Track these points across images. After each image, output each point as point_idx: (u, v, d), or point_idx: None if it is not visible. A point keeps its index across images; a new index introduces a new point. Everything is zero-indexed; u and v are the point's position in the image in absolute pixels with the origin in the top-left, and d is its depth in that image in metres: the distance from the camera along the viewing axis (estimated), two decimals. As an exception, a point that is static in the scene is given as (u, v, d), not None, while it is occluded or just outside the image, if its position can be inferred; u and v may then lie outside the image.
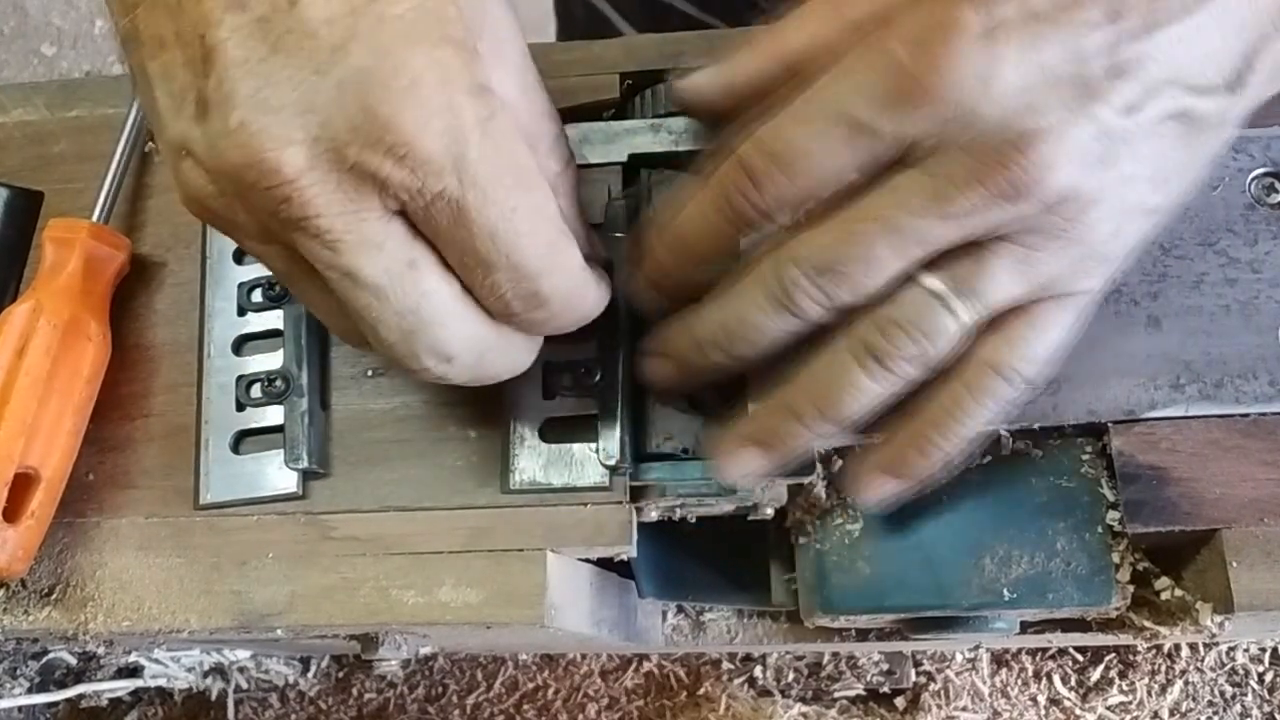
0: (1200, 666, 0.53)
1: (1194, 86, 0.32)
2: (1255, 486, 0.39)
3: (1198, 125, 0.33)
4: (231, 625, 0.39)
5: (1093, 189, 0.32)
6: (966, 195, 0.32)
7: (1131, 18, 0.31)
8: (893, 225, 0.33)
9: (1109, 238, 0.34)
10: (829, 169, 0.33)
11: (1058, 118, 0.31)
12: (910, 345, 0.34)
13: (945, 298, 0.34)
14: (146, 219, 0.45)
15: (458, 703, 0.56)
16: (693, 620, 0.52)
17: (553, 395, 0.40)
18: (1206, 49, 0.32)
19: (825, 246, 0.34)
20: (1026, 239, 0.33)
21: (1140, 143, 0.32)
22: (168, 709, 0.57)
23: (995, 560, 0.40)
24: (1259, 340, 0.40)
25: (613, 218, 0.41)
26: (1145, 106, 0.32)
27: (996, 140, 0.31)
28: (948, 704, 0.54)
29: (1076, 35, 0.31)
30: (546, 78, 0.44)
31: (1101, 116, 0.32)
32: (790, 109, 0.34)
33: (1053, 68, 0.31)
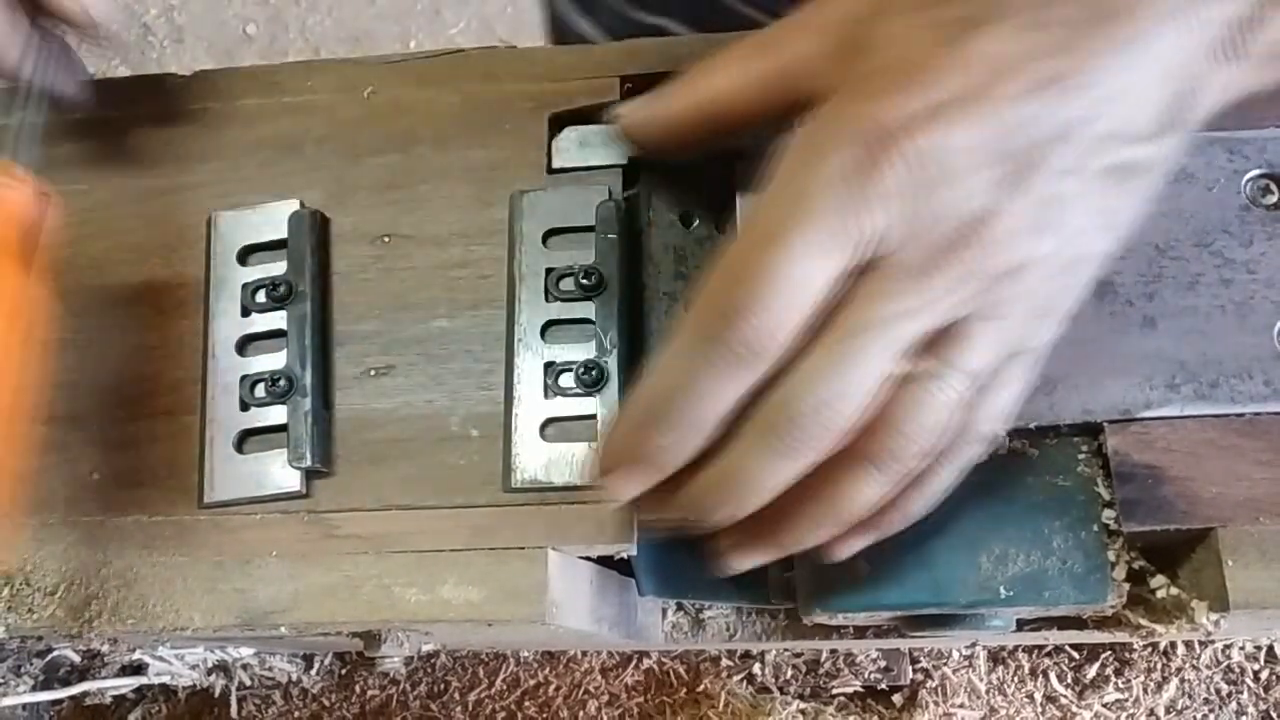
0: (1196, 664, 0.53)
1: (1131, 136, 0.32)
2: (1251, 486, 0.39)
3: (1138, 170, 0.33)
4: (235, 623, 0.40)
5: (1044, 252, 0.32)
6: (937, 283, 0.32)
7: (1061, 81, 0.31)
8: (877, 334, 0.32)
9: (1061, 291, 0.34)
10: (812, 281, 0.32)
11: (1005, 192, 0.31)
12: (920, 442, 0.34)
13: (941, 384, 0.33)
14: (145, 220, 0.45)
15: (460, 699, 0.57)
16: (692, 618, 0.52)
17: (552, 395, 0.40)
18: (1141, 97, 0.32)
19: (818, 374, 0.32)
20: (993, 310, 0.33)
21: (1082, 200, 0.32)
22: (171, 706, 0.58)
23: (992, 558, 0.41)
24: (1254, 340, 0.40)
25: (604, 219, 0.41)
26: (1085, 166, 0.32)
27: (952, 225, 0.31)
28: (945, 701, 0.54)
29: (1010, 107, 0.31)
30: (547, 81, 0.45)
31: (1042, 184, 0.32)
32: (752, 235, 0.33)
33: (991, 143, 0.31)
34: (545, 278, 0.41)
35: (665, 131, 0.40)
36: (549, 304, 0.41)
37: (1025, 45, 0.31)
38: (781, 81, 0.36)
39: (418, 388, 0.42)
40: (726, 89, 0.37)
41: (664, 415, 0.34)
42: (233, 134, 0.46)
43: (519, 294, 0.41)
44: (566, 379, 0.40)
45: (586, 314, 0.41)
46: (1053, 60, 0.31)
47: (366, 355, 0.42)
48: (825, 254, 0.32)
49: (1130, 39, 0.31)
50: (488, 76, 0.46)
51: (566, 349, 0.40)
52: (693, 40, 0.45)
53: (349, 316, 0.43)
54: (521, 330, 0.41)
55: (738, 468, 0.34)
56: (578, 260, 0.41)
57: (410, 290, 0.43)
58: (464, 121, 0.45)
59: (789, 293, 0.32)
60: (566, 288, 0.41)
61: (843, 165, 0.31)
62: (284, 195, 0.44)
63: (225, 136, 0.46)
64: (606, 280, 0.41)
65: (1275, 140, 0.42)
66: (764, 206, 0.33)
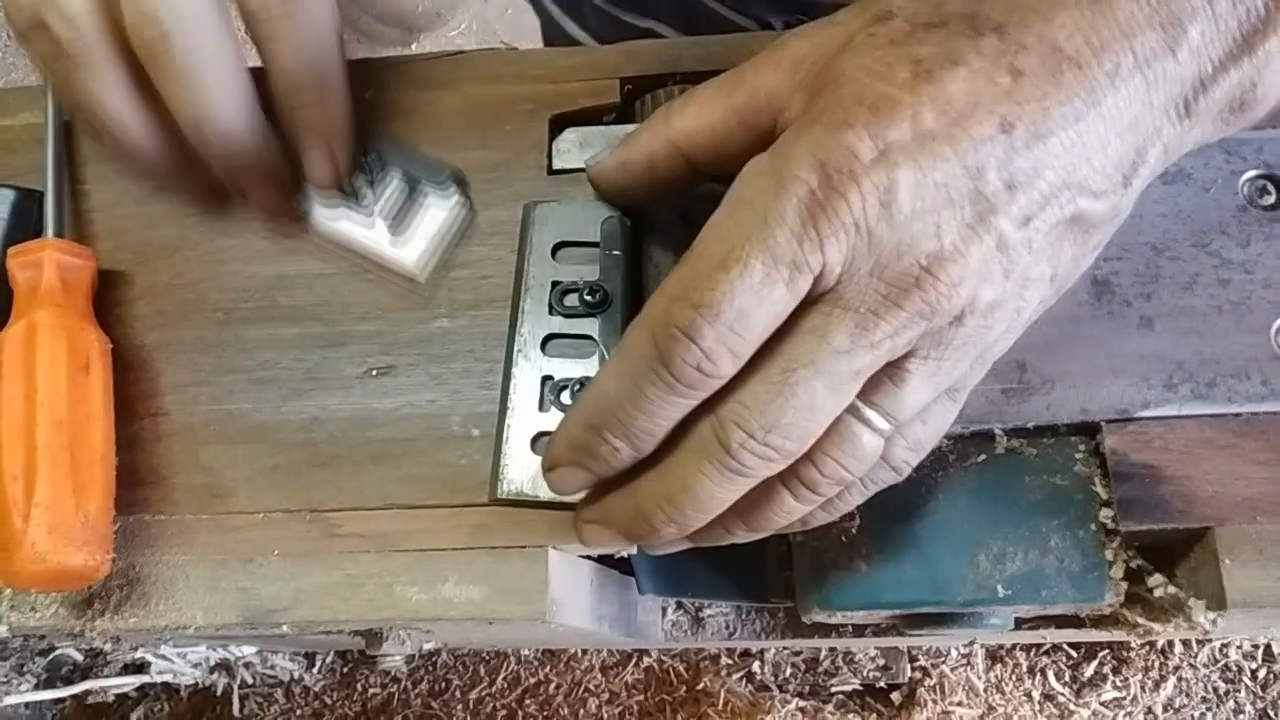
0: (1193, 663, 0.53)
1: (1087, 189, 0.32)
2: (1248, 485, 0.39)
3: (1090, 223, 0.33)
4: (237, 621, 0.40)
5: (994, 298, 0.32)
6: (886, 322, 0.32)
7: (1022, 128, 0.31)
8: (824, 367, 0.32)
9: (1003, 335, 0.34)
10: (758, 308, 0.32)
11: (960, 235, 0.31)
12: (841, 471, 0.34)
13: (869, 420, 0.34)
14: (146, 221, 0.45)
15: (461, 697, 0.57)
16: (692, 616, 0.52)
17: (547, 408, 0.40)
18: (1099, 151, 0.32)
19: (764, 402, 0.32)
20: (934, 352, 0.33)
21: (1036, 250, 0.32)
22: (174, 704, 0.58)
23: (990, 557, 0.41)
24: (1251, 340, 0.41)
25: (609, 235, 0.41)
26: (1040, 215, 0.32)
27: (905, 264, 0.31)
28: (943, 699, 0.54)
29: (970, 150, 0.31)
30: (548, 83, 0.45)
31: (1000, 230, 0.32)
32: (704, 254, 0.32)
33: (950, 185, 0.31)
34: (550, 290, 0.41)
35: (636, 175, 0.39)
36: (551, 317, 0.41)
37: (990, 90, 0.31)
38: (751, 116, 0.36)
39: (419, 387, 0.42)
40: (696, 126, 0.37)
41: (609, 421, 0.34)
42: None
43: (523, 305, 0.41)
44: (563, 394, 0.40)
45: (588, 330, 0.41)
46: (1006, 107, 0.31)
47: (368, 355, 0.43)
48: (776, 284, 0.32)
49: (1089, 92, 0.32)
50: (488, 78, 0.46)
51: (565, 364, 0.41)
52: (690, 43, 0.45)
53: (350, 316, 0.43)
54: (522, 341, 0.41)
55: (675, 480, 0.34)
56: (583, 275, 0.41)
57: (411, 290, 0.43)
58: (465, 123, 0.45)
59: (737, 319, 0.32)
60: (571, 303, 0.41)
61: (800, 195, 0.31)
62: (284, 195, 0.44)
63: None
64: (610, 297, 0.41)
65: (1272, 141, 0.43)
66: (720, 229, 0.33)
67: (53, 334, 0.40)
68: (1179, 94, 0.32)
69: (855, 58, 0.33)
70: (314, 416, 0.42)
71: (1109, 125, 0.32)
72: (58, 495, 0.38)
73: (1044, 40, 0.32)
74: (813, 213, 0.31)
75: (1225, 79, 0.33)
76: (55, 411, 0.39)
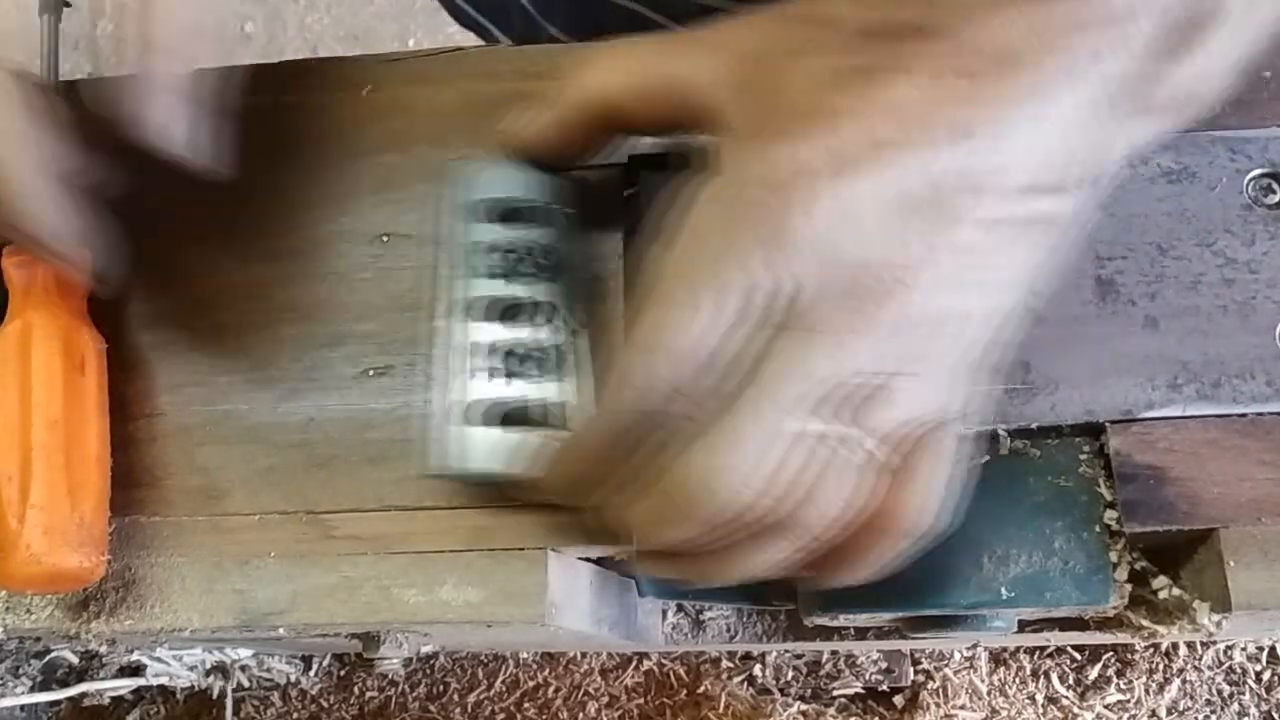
0: (1198, 665, 0.53)
1: (1039, 189, 0.32)
2: (1253, 486, 0.39)
3: (1049, 224, 0.32)
4: (234, 624, 0.40)
5: (964, 306, 0.32)
6: (856, 342, 0.31)
7: (979, 131, 0.31)
8: (809, 396, 0.31)
9: (973, 346, 0.33)
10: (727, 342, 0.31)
11: (922, 247, 0.31)
12: (831, 503, 0.33)
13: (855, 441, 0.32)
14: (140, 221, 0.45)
15: (459, 701, 0.57)
16: (692, 619, 0.52)
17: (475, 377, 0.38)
18: (1056, 151, 0.31)
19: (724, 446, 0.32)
20: (911, 366, 0.32)
21: (998, 252, 0.32)
22: (170, 707, 0.58)
23: (993, 559, 0.40)
24: (1256, 340, 0.40)
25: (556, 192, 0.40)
26: (997, 217, 0.31)
27: (870, 279, 0.30)
28: (946, 702, 0.54)
29: (928, 157, 0.30)
30: (548, 79, 0.45)
31: (963, 236, 0.31)
32: (656, 291, 0.32)
33: (909, 194, 0.30)
34: (476, 253, 0.39)
35: (548, 138, 0.38)
36: (476, 280, 0.39)
37: (932, 95, 0.31)
38: (677, 97, 0.35)
39: (417, 388, 0.42)
40: (616, 92, 0.36)
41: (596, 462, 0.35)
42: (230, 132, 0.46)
43: (448, 270, 0.40)
44: (504, 360, 0.38)
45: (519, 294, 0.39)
46: (960, 110, 0.31)
47: (364, 355, 0.42)
48: (731, 317, 0.31)
49: (1033, 92, 0.31)
50: (487, 75, 0.45)
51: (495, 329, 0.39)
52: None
53: (347, 316, 0.43)
54: (453, 308, 0.39)
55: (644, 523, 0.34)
56: (508, 237, 0.39)
57: (409, 290, 0.43)
58: (463, 120, 0.45)
59: (696, 358, 0.31)
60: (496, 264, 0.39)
61: (758, 214, 0.31)
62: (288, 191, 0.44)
63: (223, 135, 0.46)
64: (562, 259, 0.39)
65: (1278, 140, 0.42)
66: (669, 265, 0.32)
67: (47, 334, 0.40)
68: (1132, 89, 0.32)
69: (795, 64, 0.32)
70: (310, 417, 0.42)
71: (1064, 124, 0.31)
72: (53, 496, 0.37)
73: (995, 42, 0.31)
74: (771, 233, 0.30)
75: (1177, 71, 0.32)
76: (50, 412, 0.38)
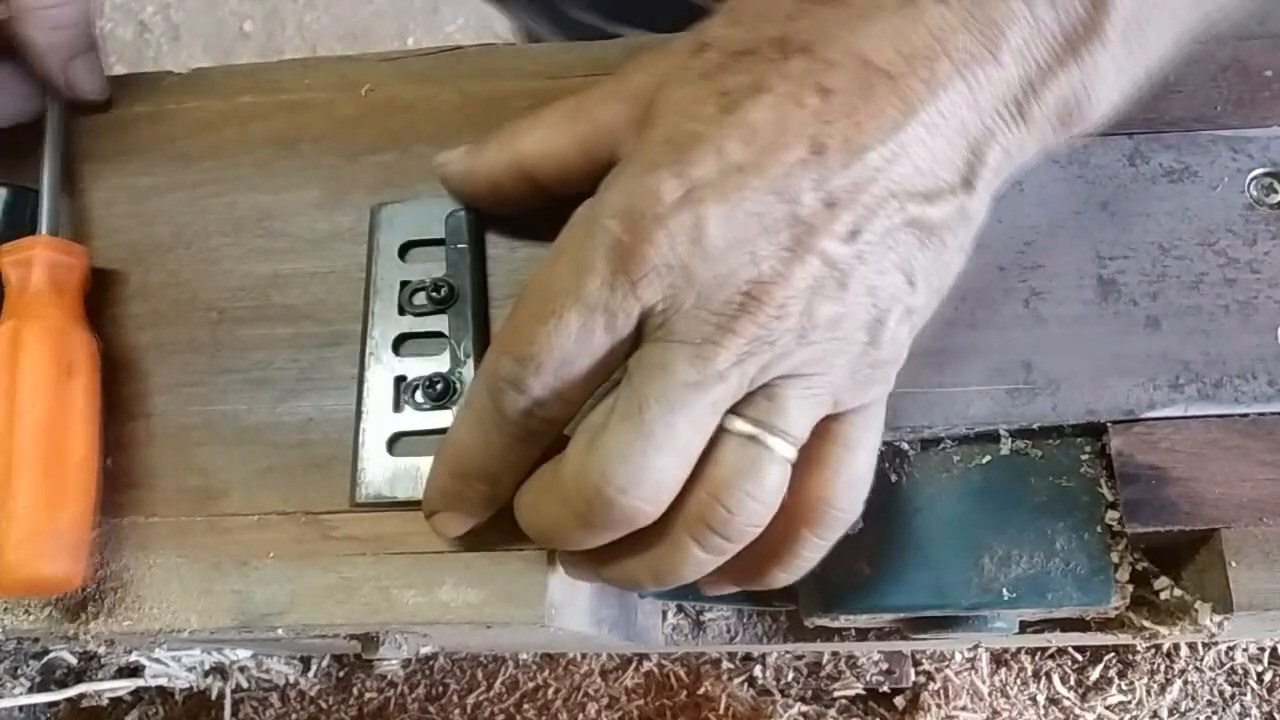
0: (1199, 666, 0.53)
1: (918, 194, 0.32)
2: (1254, 486, 0.39)
3: (934, 228, 0.33)
4: (232, 625, 0.40)
5: (835, 312, 0.32)
6: (724, 350, 0.32)
7: (834, 147, 0.31)
8: (677, 402, 0.32)
9: (870, 345, 0.34)
10: (579, 355, 0.33)
11: (779, 260, 0.31)
12: (744, 501, 0.33)
13: (759, 438, 0.33)
14: (141, 220, 0.45)
15: (458, 702, 0.56)
16: (692, 620, 0.52)
17: (401, 408, 0.40)
18: (925, 158, 0.32)
19: (622, 456, 0.32)
20: (799, 368, 0.33)
21: (874, 260, 0.32)
22: (168, 708, 0.57)
23: (994, 560, 0.40)
24: (1258, 340, 0.40)
25: (454, 230, 0.41)
26: (868, 227, 0.32)
27: (727, 293, 0.31)
28: (947, 703, 0.54)
29: (780, 176, 0.31)
30: (546, 78, 0.45)
31: (824, 248, 0.32)
32: (526, 307, 0.34)
33: (763, 213, 0.31)
34: (399, 291, 0.41)
35: (480, 187, 0.40)
36: (401, 317, 0.41)
37: (797, 113, 0.32)
38: (591, 148, 0.37)
39: (416, 388, 0.42)
40: (539, 150, 0.38)
41: (469, 468, 0.36)
42: (230, 132, 0.46)
43: (373, 307, 0.41)
44: (416, 393, 0.40)
45: (438, 327, 0.41)
46: (825, 126, 0.31)
47: (364, 355, 0.42)
48: (594, 331, 0.32)
49: (904, 102, 0.32)
50: (486, 74, 0.45)
51: (418, 362, 0.40)
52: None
53: (345, 316, 0.43)
54: (374, 344, 0.41)
55: (551, 531, 0.35)
56: (431, 273, 0.41)
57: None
58: (462, 119, 0.45)
59: (560, 368, 0.33)
60: (419, 301, 0.41)
61: (608, 243, 0.32)
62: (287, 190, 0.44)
63: (222, 134, 0.46)
64: (457, 292, 0.41)
65: (1279, 139, 0.42)
66: (541, 279, 0.34)
67: (37, 339, 0.39)
68: (1007, 96, 0.33)
69: (670, 94, 0.34)
70: (309, 417, 0.42)
71: (932, 131, 0.32)
72: (33, 505, 0.37)
73: (852, 55, 0.32)
74: (622, 259, 0.32)
75: (1055, 83, 0.33)
76: (35, 419, 0.38)
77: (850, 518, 0.35)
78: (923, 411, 0.40)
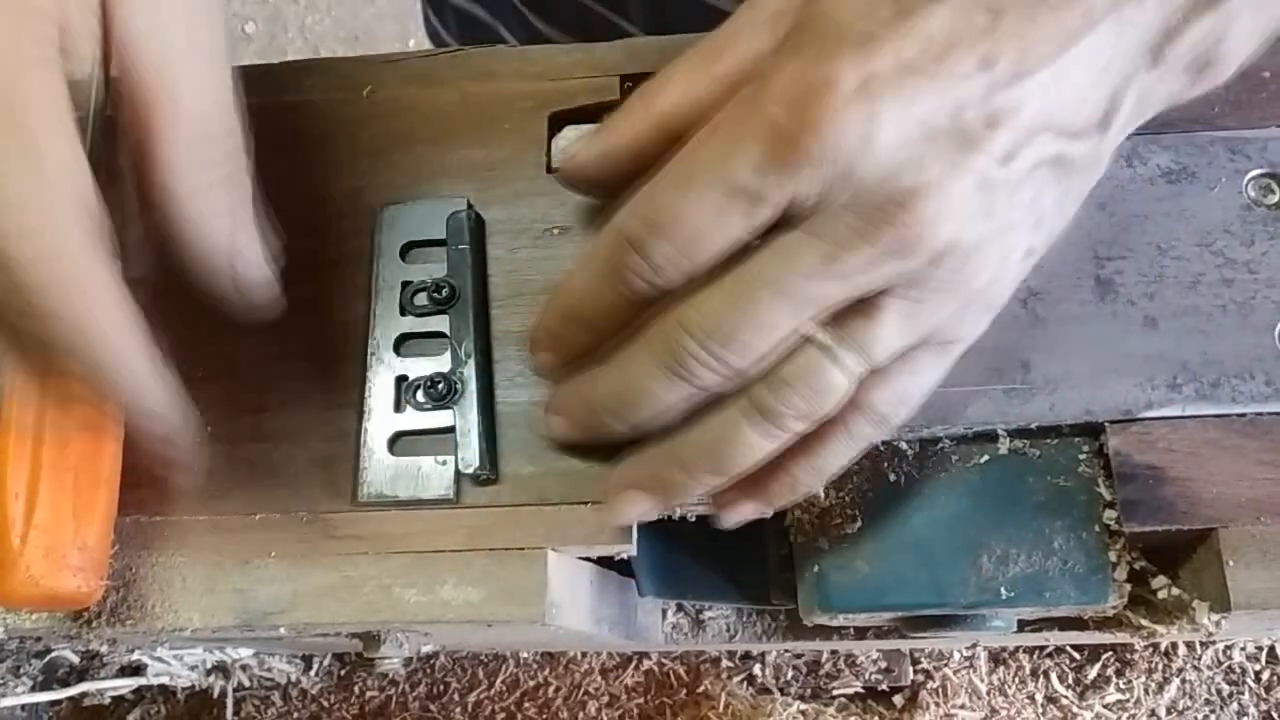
0: (1197, 665, 0.53)
1: (1066, 130, 0.33)
2: (1252, 486, 0.39)
3: (1071, 167, 0.33)
4: (234, 624, 0.40)
5: (974, 239, 0.32)
6: (856, 255, 0.32)
7: (1002, 65, 0.31)
8: (785, 289, 0.32)
9: (989, 284, 0.34)
10: (710, 233, 0.33)
11: (939, 171, 0.31)
12: (801, 404, 0.34)
13: (836, 354, 0.33)
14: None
15: (459, 700, 0.57)
16: (692, 619, 0.52)
17: (402, 408, 0.40)
18: (1076, 92, 0.32)
19: (716, 312, 0.33)
20: (912, 293, 0.33)
21: (1017, 190, 0.32)
22: (170, 707, 0.58)
23: (993, 559, 0.40)
24: (1255, 340, 0.40)
25: (455, 230, 0.41)
26: (1020, 154, 0.32)
27: (880, 198, 0.31)
28: (945, 702, 0.54)
29: (951, 86, 0.31)
30: (547, 80, 0.45)
31: (980, 167, 0.32)
32: (667, 174, 0.33)
33: (929, 120, 0.31)
34: (401, 291, 0.41)
35: (621, 163, 0.38)
36: (403, 318, 0.41)
37: (967, 26, 0.32)
38: (737, 84, 0.35)
39: (417, 388, 0.42)
40: (681, 101, 0.36)
41: (574, 313, 0.37)
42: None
43: (375, 308, 0.42)
44: (417, 393, 0.40)
45: (439, 327, 0.41)
46: (993, 44, 0.31)
47: (366, 355, 0.42)
48: (732, 214, 0.32)
49: (1065, 33, 0.32)
50: (487, 75, 0.45)
51: (420, 362, 0.41)
52: (693, 39, 0.45)
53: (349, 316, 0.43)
54: (375, 344, 0.41)
55: (625, 377, 0.36)
56: (432, 273, 0.41)
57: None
58: (463, 121, 0.45)
59: (688, 242, 0.33)
60: (420, 302, 0.41)
61: (769, 125, 0.31)
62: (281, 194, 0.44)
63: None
64: (458, 292, 0.41)
65: (1277, 140, 0.42)
66: (690, 150, 0.33)
67: None
68: (1148, 40, 0.33)
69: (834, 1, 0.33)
70: (311, 416, 0.42)
71: (1084, 67, 0.32)
72: (58, 518, 0.37)
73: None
74: (779, 146, 0.31)
75: (1191, 29, 0.33)
76: (64, 431, 0.38)
77: (880, 431, 0.36)
78: (921, 411, 0.40)
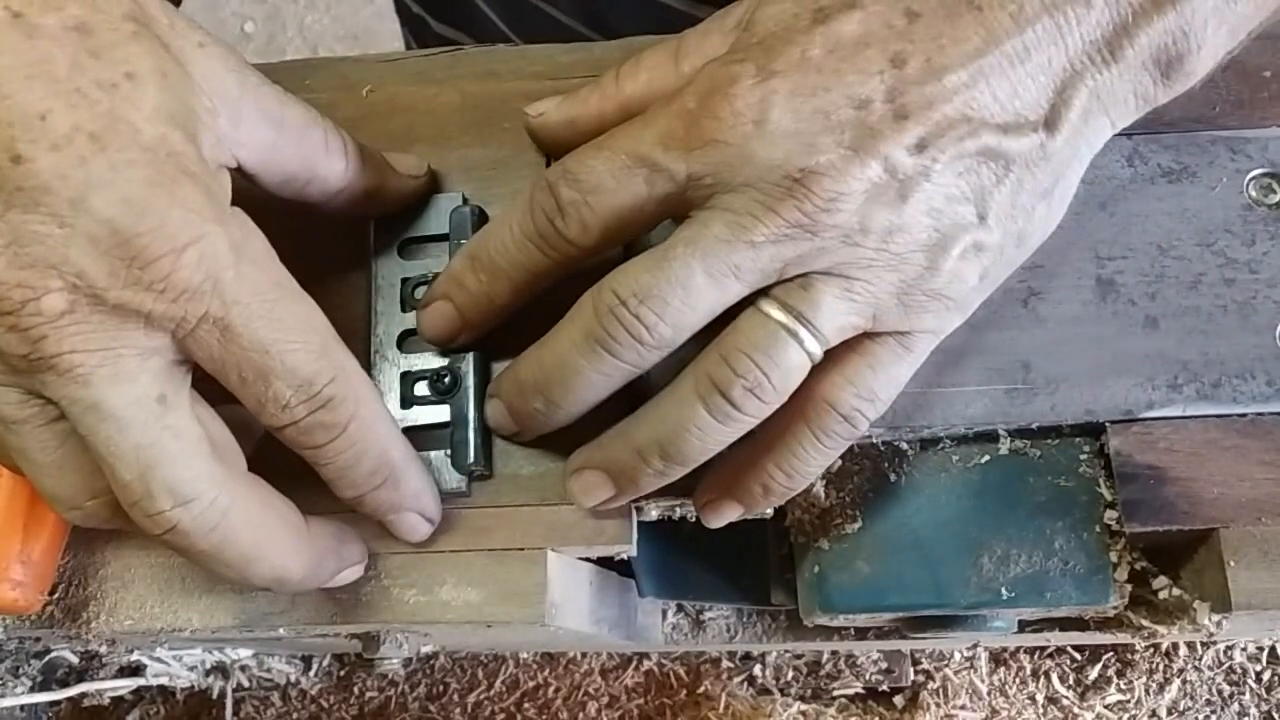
0: (1198, 665, 0.53)
1: (996, 125, 0.33)
2: (1253, 486, 0.39)
3: (1014, 162, 0.34)
4: (234, 624, 0.40)
5: (891, 221, 0.33)
6: (761, 225, 0.33)
7: (914, 63, 0.33)
8: (699, 248, 0.34)
9: (930, 273, 0.34)
10: (611, 188, 0.35)
11: (837, 155, 0.33)
12: (752, 372, 0.34)
13: (782, 320, 0.34)
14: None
15: (459, 701, 0.57)
16: (692, 619, 0.52)
17: (410, 404, 0.40)
18: (1006, 90, 0.33)
19: (637, 270, 0.34)
20: (842, 269, 0.34)
21: (941, 180, 0.33)
22: (169, 707, 0.58)
23: (993, 559, 0.40)
24: (1256, 340, 0.40)
25: (457, 225, 0.41)
26: (937, 144, 0.33)
27: (778, 176, 0.33)
28: (946, 702, 0.54)
29: (856, 82, 0.33)
30: (549, 80, 0.45)
31: (887, 154, 0.33)
32: (594, 142, 0.36)
33: (831, 112, 0.33)
34: (401, 288, 0.41)
35: (583, 134, 0.40)
36: (405, 314, 0.41)
37: (883, 30, 0.33)
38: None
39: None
40: (647, 91, 0.39)
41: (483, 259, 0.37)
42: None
43: (376, 305, 0.41)
44: (421, 387, 0.40)
45: None
46: (908, 45, 0.33)
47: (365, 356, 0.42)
48: (634, 177, 0.34)
49: (989, 32, 0.33)
50: (487, 74, 0.45)
51: (424, 358, 0.40)
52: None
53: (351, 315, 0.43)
54: (379, 341, 0.41)
55: (551, 350, 0.36)
56: (432, 269, 0.41)
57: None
58: (463, 120, 0.45)
59: (593, 192, 0.35)
60: (421, 297, 0.41)
61: (678, 109, 0.34)
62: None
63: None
64: None
65: (1278, 139, 0.42)
66: (625, 124, 0.36)
67: None
68: (1097, 37, 0.34)
69: (767, 8, 0.35)
70: (311, 417, 0.42)
71: (1014, 64, 0.33)
72: (8, 532, 0.37)
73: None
74: (685, 125, 0.34)
75: (1151, 26, 0.34)
76: None
77: (850, 431, 0.36)
78: (922, 411, 0.40)
